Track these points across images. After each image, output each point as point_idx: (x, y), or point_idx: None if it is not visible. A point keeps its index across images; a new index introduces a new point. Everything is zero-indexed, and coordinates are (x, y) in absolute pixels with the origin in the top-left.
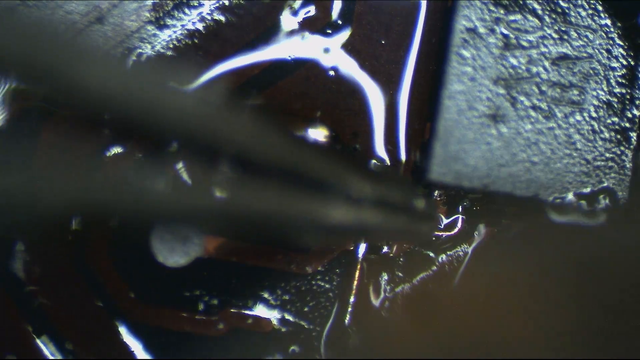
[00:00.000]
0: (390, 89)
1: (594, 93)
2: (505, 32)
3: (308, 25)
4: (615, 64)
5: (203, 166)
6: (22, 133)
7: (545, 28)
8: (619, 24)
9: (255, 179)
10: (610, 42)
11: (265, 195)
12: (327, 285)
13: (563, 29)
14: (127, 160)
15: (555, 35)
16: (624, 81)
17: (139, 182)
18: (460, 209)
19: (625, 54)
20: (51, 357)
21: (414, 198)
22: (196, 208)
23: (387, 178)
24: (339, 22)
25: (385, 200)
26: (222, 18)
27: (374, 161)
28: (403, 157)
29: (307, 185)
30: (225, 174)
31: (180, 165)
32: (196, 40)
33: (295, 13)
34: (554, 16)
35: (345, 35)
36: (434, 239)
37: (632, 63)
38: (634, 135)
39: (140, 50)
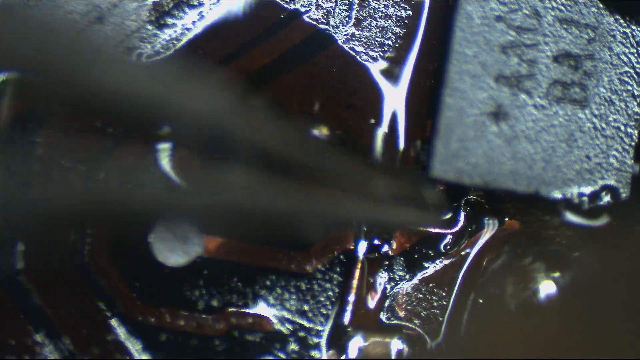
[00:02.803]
0: (391, 87)
1: (596, 90)
2: (507, 29)
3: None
4: (616, 61)
5: (205, 162)
6: (21, 133)
7: (547, 25)
8: (621, 21)
9: (260, 173)
10: (612, 39)
11: (270, 190)
12: (327, 285)
13: (565, 26)
14: (127, 158)
15: (556, 33)
16: (626, 78)
17: (138, 180)
18: (461, 205)
19: (627, 51)
20: (51, 357)
21: (421, 188)
22: (197, 206)
23: (392, 170)
24: (338, 21)
25: (391, 191)
26: (223, 17)
27: (376, 155)
28: (404, 151)
29: (311, 178)
30: (231, 168)
31: (180, 161)
32: (196, 39)
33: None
34: (555, 13)
35: (344, 35)
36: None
37: (634, 60)
38: (635, 132)
39: (140, 50)
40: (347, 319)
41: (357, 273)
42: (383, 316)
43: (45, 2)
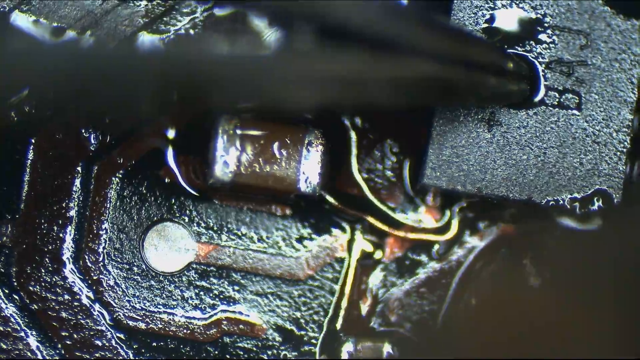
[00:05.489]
0: None
1: (588, 97)
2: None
3: None
4: (609, 68)
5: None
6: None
7: (540, 30)
8: (614, 27)
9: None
10: (604, 45)
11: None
12: (319, 291)
13: (557, 32)
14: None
15: (549, 39)
16: (618, 85)
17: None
18: (454, 213)
19: (619, 57)
20: (48, 358)
21: (504, 59)
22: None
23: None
24: None
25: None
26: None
27: None
28: None
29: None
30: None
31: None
32: None
33: None
34: (548, 19)
35: None
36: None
37: (626, 67)
38: (627, 138)
39: None
40: (339, 324)
41: (349, 279)
42: (375, 322)
43: (39, 8)
